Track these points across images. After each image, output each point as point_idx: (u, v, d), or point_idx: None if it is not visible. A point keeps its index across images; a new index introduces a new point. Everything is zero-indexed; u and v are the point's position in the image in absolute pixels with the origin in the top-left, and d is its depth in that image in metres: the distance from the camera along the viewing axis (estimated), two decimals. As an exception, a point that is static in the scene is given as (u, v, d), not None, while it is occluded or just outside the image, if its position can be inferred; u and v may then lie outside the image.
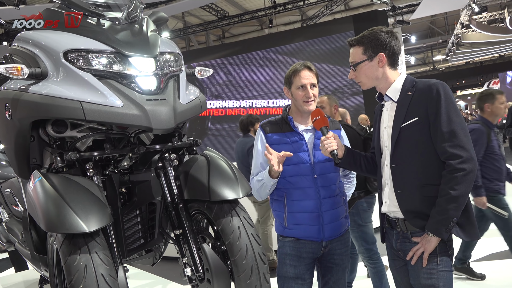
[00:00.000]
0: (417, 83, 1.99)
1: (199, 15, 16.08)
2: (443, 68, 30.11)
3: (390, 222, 2.07)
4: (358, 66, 2.06)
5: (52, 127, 1.94)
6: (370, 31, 2.05)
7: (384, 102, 2.12)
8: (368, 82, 2.08)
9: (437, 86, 1.91)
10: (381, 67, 2.02)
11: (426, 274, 1.91)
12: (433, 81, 1.96)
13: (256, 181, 2.32)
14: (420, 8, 12.75)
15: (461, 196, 1.81)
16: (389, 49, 2.01)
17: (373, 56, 2.02)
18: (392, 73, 2.05)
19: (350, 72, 2.12)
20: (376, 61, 2.02)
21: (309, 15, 17.07)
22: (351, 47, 2.09)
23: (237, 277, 1.81)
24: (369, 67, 2.04)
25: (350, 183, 2.58)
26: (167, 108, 1.82)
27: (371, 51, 2.02)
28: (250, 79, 13.77)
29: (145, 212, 2.26)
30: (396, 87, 2.03)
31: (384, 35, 2.01)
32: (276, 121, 2.39)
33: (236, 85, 14.00)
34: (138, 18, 2.02)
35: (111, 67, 1.80)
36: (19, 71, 1.74)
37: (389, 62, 2.03)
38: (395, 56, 2.04)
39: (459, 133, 1.84)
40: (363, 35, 2.06)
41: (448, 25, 21.31)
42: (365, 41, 2.03)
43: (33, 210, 1.74)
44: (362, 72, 2.06)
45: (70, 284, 1.53)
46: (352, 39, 2.09)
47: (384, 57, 2.00)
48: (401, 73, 2.08)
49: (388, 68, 2.03)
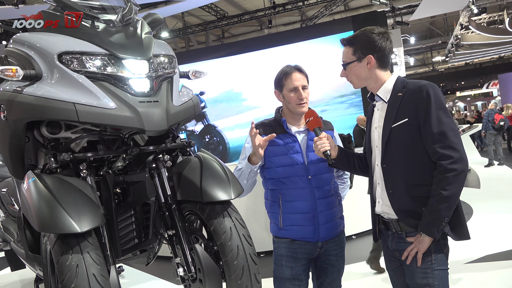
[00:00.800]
0: (407, 84, 2.01)
1: (198, 15, 16.10)
2: (442, 69, 30.15)
3: (385, 223, 2.08)
4: (348, 66, 2.08)
5: (46, 128, 1.95)
6: (362, 31, 2.06)
7: (375, 102, 2.14)
8: (358, 82, 2.11)
9: (427, 87, 1.92)
10: (369, 68, 2.04)
11: (421, 274, 1.94)
12: (423, 82, 1.97)
13: (236, 170, 2.33)
14: (420, 9, 12.77)
15: (452, 196, 1.84)
16: (379, 51, 2.02)
17: (362, 58, 2.03)
18: (382, 74, 2.06)
19: (342, 71, 2.14)
20: (365, 62, 2.04)
21: (308, 16, 17.09)
22: (343, 46, 2.11)
23: (228, 277, 1.82)
24: (358, 68, 2.06)
25: (344, 183, 2.60)
26: (159, 110, 1.84)
27: (360, 53, 2.03)
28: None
29: (140, 212, 2.27)
30: (387, 88, 2.05)
31: (375, 37, 2.02)
32: (269, 122, 2.41)
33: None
34: (132, 20, 2.04)
35: (105, 69, 1.82)
36: (14, 73, 1.75)
37: (378, 63, 2.04)
38: (385, 57, 2.05)
39: (449, 134, 1.87)
40: (354, 35, 2.08)
41: (448, 26, 21.35)
42: (356, 42, 2.05)
43: (26, 210, 1.76)
44: (352, 72, 2.09)
45: (62, 283, 1.54)
46: (344, 39, 2.11)
47: (373, 59, 2.02)
48: (392, 73, 2.10)
49: (378, 70, 2.05)
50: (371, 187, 2.15)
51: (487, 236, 5.22)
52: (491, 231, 5.50)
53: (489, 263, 4.42)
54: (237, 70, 13.11)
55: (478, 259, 4.52)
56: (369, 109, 2.22)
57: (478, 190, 8.55)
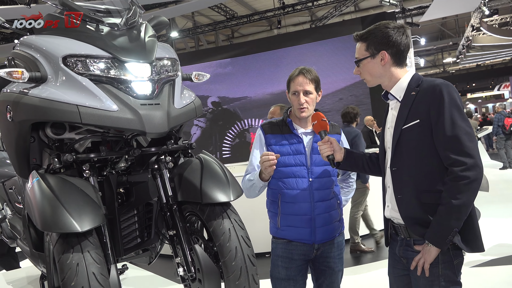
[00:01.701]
0: (422, 83, 1.88)
1: (208, 15, 16.17)
2: (453, 71, 29.89)
3: (395, 228, 2.00)
4: (361, 62, 1.97)
5: (51, 129, 2.00)
6: (376, 26, 1.94)
7: (389, 101, 2.04)
8: (372, 80, 2.00)
9: (441, 86, 1.79)
10: (383, 65, 1.92)
11: (427, 286, 1.83)
12: (438, 81, 1.84)
13: (247, 179, 2.36)
14: (430, 10, 12.67)
15: (463, 206, 1.72)
16: (394, 47, 1.90)
17: (376, 54, 1.92)
18: (397, 71, 1.94)
19: (355, 68, 2.04)
20: (378, 58, 1.92)
21: (318, 16, 17.06)
22: (356, 42, 2.00)
23: (226, 278, 1.85)
24: (372, 65, 1.95)
25: (349, 187, 2.59)
26: (160, 113, 1.88)
27: (373, 48, 1.92)
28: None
29: (142, 212, 2.31)
30: (402, 86, 1.93)
31: (390, 31, 1.90)
32: (277, 122, 2.42)
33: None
34: (136, 23, 2.07)
35: (108, 72, 1.86)
36: (20, 75, 1.80)
37: (393, 60, 1.92)
38: (401, 54, 1.92)
39: (463, 138, 1.73)
40: (368, 30, 1.96)
41: (459, 27, 21.16)
42: (369, 37, 1.94)
43: (30, 209, 1.81)
44: (365, 69, 1.98)
45: (62, 281, 1.58)
46: (357, 34, 1.99)
47: (387, 55, 1.91)
48: (409, 70, 1.97)
49: (393, 67, 1.93)
50: (383, 189, 2.06)
51: (494, 240, 5.18)
52: (499, 234, 5.45)
53: (495, 267, 4.39)
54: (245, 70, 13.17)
55: (485, 262, 4.48)
56: (386, 108, 2.11)
57: (486, 193, 8.48)
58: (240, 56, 13.83)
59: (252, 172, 2.37)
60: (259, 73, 13.28)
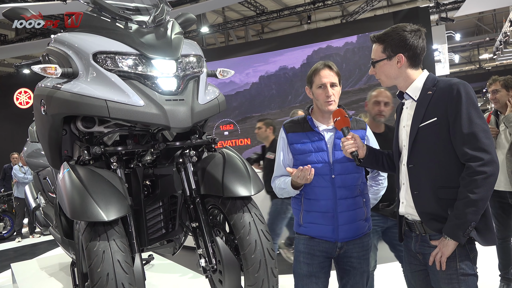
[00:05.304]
0: (438, 82, 1.95)
1: (238, 10, 16.20)
2: (489, 67, 28.92)
3: (409, 224, 2.05)
4: (377, 64, 2.04)
5: (81, 123, 2.10)
6: (393, 28, 2.00)
7: (404, 101, 2.09)
8: (387, 81, 2.06)
9: (458, 85, 1.86)
10: (399, 67, 1.99)
11: (446, 280, 1.89)
12: (454, 80, 1.90)
13: (278, 188, 2.42)
14: (466, 4, 12.28)
15: (480, 200, 1.77)
16: (411, 50, 1.96)
17: (392, 56, 1.99)
18: (413, 72, 2.01)
19: (371, 68, 2.10)
20: (395, 61, 1.99)
21: (349, 11, 16.84)
22: (373, 43, 2.06)
23: (246, 270, 1.90)
24: (388, 66, 2.01)
25: (379, 185, 2.57)
26: (185, 108, 1.93)
27: (390, 51, 1.99)
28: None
29: (167, 204, 2.38)
30: (417, 86, 1.99)
31: (407, 34, 1.95)
32: (298, 120, 2.43)
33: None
34: (164, 21, 2.14)
35: (135, 69, 1.93)
36: (53, 71, 1.90)
37: (409, 62, 1.99)
38: (417, 56, 1.99)
39: (480, 135, 1.80)
40: (385, 32, 2.01)
41: (497, 22, 20.46)
42: (386, 39, 1.99)
43: (61, 198, 1.91)
44: (381, 70, 2.04)
45: (89, 267, 1.67)
46: (374, 35, 2.06)
47: (403, 58, 1.97)
48: (423, 70, 2.04)
49: (409, 69, 2.00)
50: (397, 187, 2.11)
51: None
52: None
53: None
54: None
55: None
56: (398, 107, 2.17)
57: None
58: (270, 51, 13.80)
59: (282, 177, 2.41)
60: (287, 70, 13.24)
